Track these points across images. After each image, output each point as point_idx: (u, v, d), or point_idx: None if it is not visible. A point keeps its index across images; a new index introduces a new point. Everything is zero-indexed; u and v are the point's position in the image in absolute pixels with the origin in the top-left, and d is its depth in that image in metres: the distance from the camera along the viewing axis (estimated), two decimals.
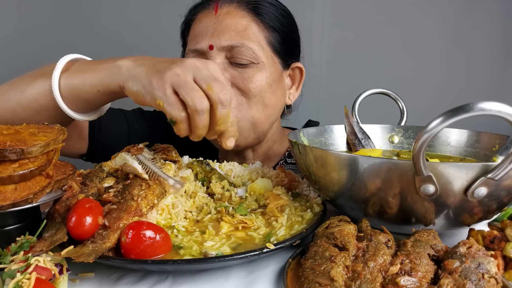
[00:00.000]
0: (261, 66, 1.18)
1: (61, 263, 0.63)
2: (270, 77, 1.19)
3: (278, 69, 1.24)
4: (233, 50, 1.15)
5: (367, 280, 0.60)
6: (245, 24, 1.17)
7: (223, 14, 1.18)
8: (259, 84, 1.17)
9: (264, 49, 1.19)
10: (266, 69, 1.19)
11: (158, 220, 0.79)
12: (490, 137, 0.99)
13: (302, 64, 1.31)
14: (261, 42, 1.19)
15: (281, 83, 1.26)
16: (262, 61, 1.18)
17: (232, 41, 1.14)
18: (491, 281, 0.58)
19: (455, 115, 0.59)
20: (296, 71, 1.31)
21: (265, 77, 1.18)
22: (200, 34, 1.19)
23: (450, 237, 0.81)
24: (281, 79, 1.26)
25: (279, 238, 0.74)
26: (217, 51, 1.16)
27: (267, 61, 1.19)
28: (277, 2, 1.26)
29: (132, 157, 0.86)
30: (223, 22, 1.16)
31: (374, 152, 1.02)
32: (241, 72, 1.16)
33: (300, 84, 1.33)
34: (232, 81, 1.16)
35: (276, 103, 1.24)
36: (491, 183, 0.66)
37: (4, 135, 0.70)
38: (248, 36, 1.16)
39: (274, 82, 1.21)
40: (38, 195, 0.68)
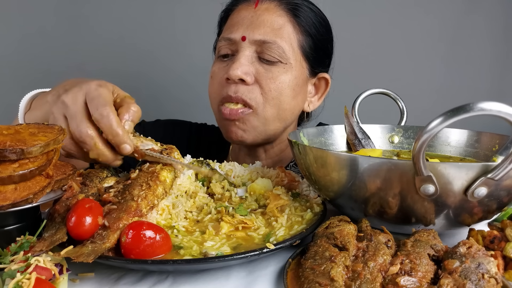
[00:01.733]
0: (288, 67, 1.18)
1: (61, 263, 0.63)
2: (294, 80, 1.19)
3: (304, 74, 1.24)
4: (264, 46, 1.16)
5: (367, 280, 0.60)
6: (281, 23, 1.18)
7: (262, 9, 1.20)
8: (281, 86, 1.17)
9: (294, 51, 1.19)
10: (292, 71, 1.19)
11: (158, 220, 0.79)
12: (490, 137, 0.99)
13: (329, 76, 1.31)
14: (293, 44, 1.19)
15: (304, 88, 1.26)
16: (290, 62, 1.18)
17: (265, 37, 1.16)
18: (491, 281, 0.58)
19: (455, 115, 0.59)
20: (322, 81, 1.31)
21: (289, 79, 1.18)
22: (236, 24, 1.21)
23: (450, 237, 0.81)
24: (304, 85, 1.25)
25: (278, 238, 0.74)
26: (249, 43, 1.17)
27: (295, 63, 1.19)
28: (317, 10, 1.27)
29: None
30: (261, 17, 1.18)
31: (374, 152, 1.02)
32: (267, 69, 1.17)
33: (323, 95, 1.33)
34: (256, 76, 1.17)
35: (294, 108, 1.24)
36: (491, 183, 0.66)
37: (4, 135, 0.70)
38: (282, 35, 1.17)
39: (297, 86, 1.21)
40: (38, 195, 0.68)
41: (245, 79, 1.15)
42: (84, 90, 0.81)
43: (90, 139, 0.79)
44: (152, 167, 0.86)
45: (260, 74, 1.17)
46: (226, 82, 1.18)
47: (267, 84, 1.16)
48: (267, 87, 1.17)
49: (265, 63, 1.17)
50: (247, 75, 1.15)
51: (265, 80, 1.16)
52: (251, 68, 1.17)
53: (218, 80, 1.21)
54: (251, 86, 1.17)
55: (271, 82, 1.16)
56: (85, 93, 0.80)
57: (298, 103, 1.25)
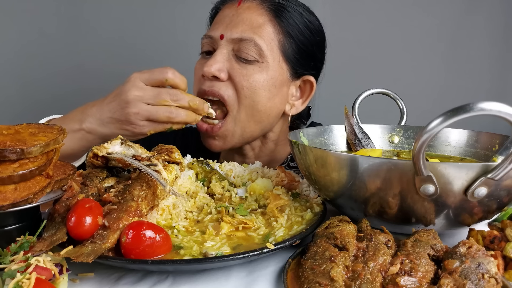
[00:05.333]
0: (264, 66, 1.16)
1: (61, 263, 0.63)
2: (270, 81, 1.17)
3: (283, 75, 1.21)
4: (241, 44, 1.15)
5: (367, 280, 0.60)
6: (261, 22, 1.17)
7: (244, 8, 1.20)
8: (255, 85, 1.15)
9: (273, 51, 1.17)
10: (268, 71, 1.17)
11: (159, 220, 0.79)
12: (490, 137, 0.99)
13: (314, 79, 1.28)
14: (272, 44, 1.17)
15: (283, 90, 1.22)
16: (267, 61, 1.16)
17: (242, 34, 1.15)
18: (491, 281, 0.58)
19: (455, 115, 0.59)
20: (307, 84, 1.28)
21: (264, 79, 1.16)
22: (218, 22, 1.22)
23: (450, 237, 0.81)
24: (284, 87, 1.22)
25: (277, 238, 0.74)
26: (226, 41, 1.17)
27: (272, 63, 1.17)
28: (305, 12, 1.24)
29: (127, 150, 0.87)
30: (241, 16, 1.18)
31: (374, 152, 1.02)
32: (243, 67, 1.16)
33: (308, 99, 1.30)
34: (230, 72, 1.16)
35: (270, 110, 1.21)
36: (491, 183, 0.66)
37: (4, 135, 0.70)
38: (260, 33, 1.16)
39: (273, 86, 1.18)
40: (38, 195, 0.68)
41: (218, 75, 1.15)
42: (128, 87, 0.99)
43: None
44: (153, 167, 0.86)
45: (234, 71, 1.16)
46: (203, 78, 1.18)
47: (240, 82, 1.15)
48: (239, 85, 1.15)
49: (241, 61, 1.16)
50: (220, 72, 1.15)
51: (238, 77, 1.16)
52: (226, 65, 1.16)
53: (197, 77, 1.22)
54: (226, 82, 1.16)
55: (244, 80, 1.15)
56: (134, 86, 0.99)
57: (276, 105, 1.22)
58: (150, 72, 1.01)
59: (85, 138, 1.03)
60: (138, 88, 0.99)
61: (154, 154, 0.89)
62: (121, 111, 0.99)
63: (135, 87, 0.99)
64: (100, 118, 1.01)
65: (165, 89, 1.01)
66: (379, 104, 1.30)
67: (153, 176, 0.79)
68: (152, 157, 0.86)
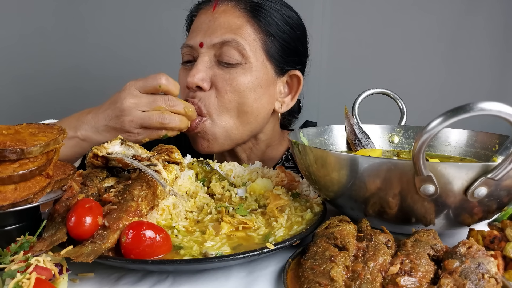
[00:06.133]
0: (248, 67, 1.14)
1: (61, 263, 0.63)
2: (255, 81, 1.15)
3: (268, 74, 1.18)
4: (223, 48, 1.13)
5: (367, 280, 0.60)
6: (239, 24, 1.15)
7: (220, 12, 1.17)
8: (239, 88, 1.13)
9: (255, 51, 1.15)
10: (252, 71, 1.14)
11: (159, 220, 0.79)
12: (490, 137, 0.99)
13: (301, 74, 1.25)
14: (254, 44, 1.15)
15: (270, 90, 1.20)
16: (250, 62, 1.14)
17: (222, 37, 1.13)
18: (491, 281, 0.58)
19: (455, 115, 0.59)
20: (294, 79, 1.25)
21: (248, 80, 1.14)
22: (195, 30, 1.20)
23: (450, 237, 0.81)
24: (270, 86, 1.20)
25: (277, 239, 0.74)
26: (207, 48, 1.15)
27: (256, 63, 1.15)
28: (283, 8, 1.22)
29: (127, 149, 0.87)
30: (218, 20, 1.16)
31: (374, 152, 1.02)
32: (226, 72, 1.14)
33: (296, 94, 1.26)
34: (213, 80, 1.14)
35: (258, 110, 1.18)
36: (491, 183, 0.66)
37: (4, 135, 0.70)
38: (241, 34, 1.14)
39: (259, 87, 1.16)
40: (38, 195, 0.68)
41: (201, 85, 1.13)
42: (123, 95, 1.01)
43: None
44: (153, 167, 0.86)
45: (217, 77, 1.14)
46: (186, 89, 1.17)
47: (223, 87, 1.13)
48: (223, 90, 1.13)
49: (224, 66, 1.14)
50: (203, 81, 1.13)
51: (221, 82, 1.14)
52: (209, 73, 1.15)
53: (182, 87, 1.18)
54: (208, 92, 1.15)
55: (227, 84, 1.13)
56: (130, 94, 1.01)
57: (263, 105, 1.19)
58: (144, 80, 1.01)
59: (79, 145, 1.02)
60: (133, 96, 0.99)
61: (154, 154, 0.89)
62: (116, 119, 0.99)
63: (130, 95, 0.99)
64: (95, 125, 1.01)
65: (160, 96, 1.01)
66: (379, 104, 1.30)
67: (153, 176, 0.79)
68: (152, 157, 0.86)
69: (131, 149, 0.88)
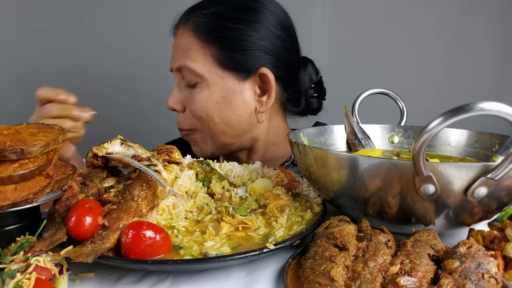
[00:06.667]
0: (205, 84, 1.18)
1: (61, 263, 0.63)
2: (215, 95, 1.18)
3: (228, 83, 1.18)
4: (182, 71, 1.20)
5: (367, 280, 0.60)
6: (189, 44, 1.18)
7: (179, 35, 1.23)
8: (200, 105, 1.19)
9: (207, 66, 1.17)
10: (209, 87, 1.18)
11: (159, 220, 0.79)
12: (490, 137, 0.99)
13: (268, 69, 1.18)
14: (205, 60, 1.16)
15: (237, 97, 1.19)
16: (206, 79, 1.17)
17: (177, 63, 1.20)
18: (491, 281, 0.58)
19: (455, 115, 0.59)
20: (264, 77, 1.20)
21: (207, 96, 1.18)
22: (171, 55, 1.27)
23: (450, 237, 0.81)
24: (236, 93, 1.19)
25: (277, 239, 0.74)
26: (176, 72, 1.23)
27: (211, 78, 1.17)
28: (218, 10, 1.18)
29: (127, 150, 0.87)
30: (176, 45, 1.23)
31: (374, 152, 1.02)
32: (190, 92, 1.21)
33: (271, 90, 1.20)
34: (183, 101, 1.23)
35: (229, 119, 1.20)
36: (491, 183, 0.66)
37: (4, 135, 0.70)
38: (190, 56, 1.17)
39: (222, 98, 1.18)
40: (38, 195, 0.68)
41: (175, 108, 1.24)
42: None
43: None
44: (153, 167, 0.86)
45: (185, 100, 1.22)
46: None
47: (190, 107, 1.21)
48: (191, 109, 1.21)
49: (189, 88, 1.21)
50: (176, 104, 1.23)
51: (188, 103, 1.22)
52: (180, 95, 1.23)
53: None
54: (184, 113, 1.23)
55: (192, 105, 1.20)
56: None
57: (236, 113, 1.20)
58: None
59: None
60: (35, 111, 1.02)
61: (154, 154, 0.89)
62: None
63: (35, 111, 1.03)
64: None
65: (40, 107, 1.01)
66: (379, 104, 1.30)
67: (153, 176, 0.79)
68: (152, 157, 0.86)
69: (131, 149, 0.88)
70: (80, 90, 2.36)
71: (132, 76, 2.27)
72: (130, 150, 0.88)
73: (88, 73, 2.25)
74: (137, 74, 2.27)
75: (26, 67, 2.18)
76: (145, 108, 2.31)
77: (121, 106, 2.32)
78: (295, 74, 1.29)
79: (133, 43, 2.24)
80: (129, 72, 2.26)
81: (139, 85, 2.29)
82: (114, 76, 2.27)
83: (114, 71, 2.25)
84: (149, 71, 2.27)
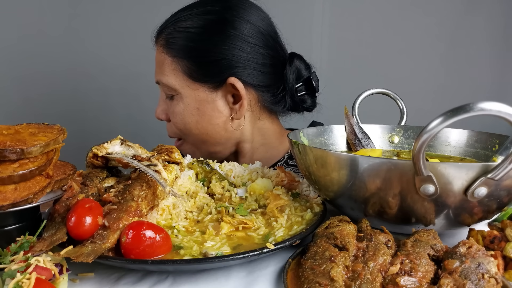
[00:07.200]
0: (179, 97, 1.23)
1: (61, 263, 0.63)
2: (188, 106, 1.22)
3: (201, 95, 1.21)
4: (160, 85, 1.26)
5: (367, 280, 0.60)
6: (162, 59, 1.23)
7: (156, 50, 1.27)
8: (178, 117, 1.24)
9: (179, 79, 1.21)
10: (183, 99, 1.22)
11: (159, 220, 0.79)
12: (490, 137, 0.99)
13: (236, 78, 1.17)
14: (176, 74, 1.21)
15: (210, 106, 1.21)
16: (179, 92, 1.22)
17: (156, 77, 1.27)
18: (491, 281, 0.58)
19: (455, 115, 0.59)
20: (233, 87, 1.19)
21: (182, 108, 1.23)
22: None
23: (450, 237, 0.81)
24: (209, 103, 1.21)
25: (277, 239, 0.74)
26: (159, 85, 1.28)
27: (183, 91, 1.21)
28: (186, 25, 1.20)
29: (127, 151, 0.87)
30: (155, 59, 1.27)
31: (374, 152, 1.02)
32: (169, 104, 1.26)
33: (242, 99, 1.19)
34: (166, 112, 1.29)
35: (206, 129, 1.24)
36: (491, 183, 0.66)
37: (4, 135, 0.70)
38: (164, 71, 1.22)
39: (196, 109, 1.22)
40: (38, 195, 0.68)
41: (162, 118, 1.30)
42: None
43: None
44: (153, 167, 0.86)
45: (167, 110, 1.28)
46: None
47: (171, 117, 1.27)
48: (172, 120, 1.27)
49: (169, 100, 1.26)
50: (161, 114, 1.30)
51: (169, 114, 1.28)
52: (164, 106, 1.29)
53: None
54: (170, 122, 1.29)
55: (172, 116, 1.26)
56: None
57: (211, 122, 1.23)
58: None
59: None
60: None
61: (154, 154, 0.89)
62: None
63: None
64: None
65: None
66: (379, 104, 1.30)
67: (152, 176, 0.79)
68: (152, 157, 0.86)
69: (131, 149, 0.88)
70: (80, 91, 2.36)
71: (132, 76, 2.27)
72: (130, 150, 0.88)
73: (88, 73, 2.25)
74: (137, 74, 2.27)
75: (26, 68, 2.18)
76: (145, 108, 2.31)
77: (121, 106, 2.32)
78: (276, 76, 1.26)
79: (133, 43, 2.23)
80: (129, 72, 2.26)
81: (139, 85, 2.29)
82: (114, 76, 2.27)
83: (114, 71, 2.25)
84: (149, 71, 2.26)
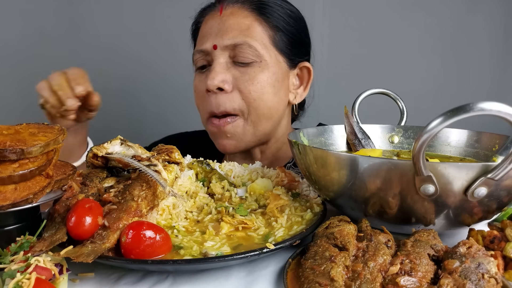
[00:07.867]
0: (264, 65, 1.18)
1: (61, 263, 0.63)
2: (273, 77, 1.20)
3: (283, 68, 1.24)
4: (236, 49, 1.17)
5: (367, 280, 0.60)
6: (248, 24, 1.19)
7: (227, 14, 1.20)
8: (260, 86, 1.17)
9: (267, 47, 1.19)
10: (269, 68, 1.19)
11: (159, 220, 0.79)
12: (490, 137, 0.99)
13: (310, 64, 1.31)
14: (264, 41, 1.19)
15: (285, 83, 1.26)
16: (265, 59, 1.18)
17: (234, 40, 1.17)
18: (491, 281, 0.58)
19: (455, 115, 0.59)
20: (304, 70, 1.31)
21: (267, 77, 1.19)
22: (205, 35, 1.22)
23: (450, 237, 0.81)
24: (285, 79, 1.25)
25: (277, 239, 0.74)
26: (221, 50, 1.18)
27: (270, 60, 1.19)
28: (284, 3, 1.27)
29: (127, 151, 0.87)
30: (227, 22, 1.19)
31: (374, 152, 1.02)
32: (243, 72, 1.17)
33: (308, 84, 1.32)
34: (234, 82, 1.18)
35: (278, 104, 1.24)
36: (491, 183, 0.66)
37: (4, 135, 0.70)
38: (251, 34, 1.18)
39: (277, 81, 1.21)
40: (38, 195, 0.68)
41: (223, 87, 1.17)
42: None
43: None
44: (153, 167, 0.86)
45: (237, 79, 1.18)
46: (207, 93, 1.19)
47: (246, 87, 1.17)
48: (246, 90, 1.17)
49: (240, 66, 1.18)
50: (225, 83, 1.17)
51: (243, 83, 1.17)
52: (228, 75, 1.18)
53: (201, 93, 1.23)
54: (231, 93, 1.18)
55: (249, 84, 1.17)
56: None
57: (282, 98, 1.25)
58: None
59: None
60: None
61: (154, 154, 0.89)
62: None
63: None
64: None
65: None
66: (379, 104, 1.30)
67: (152, 176, 0.79)
68: (152, 157, 0.86)
69: (131, 149, 0.88)
70: None
71: (133, 76, 2.26)
72: (130, 150, 0.88)
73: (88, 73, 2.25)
74: (137, 73, 2.28)
75: (26, 67, 2.18)
76: (145, 108, 2.31)
77: (121, 106, 2.31)
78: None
79: (134, 43, 2.24)
80: (129, 72, 2.26)
81: (139, 85, 2.29)
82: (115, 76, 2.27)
83: (114, 70, 2.25)
84: (149, 70, 2.27)
